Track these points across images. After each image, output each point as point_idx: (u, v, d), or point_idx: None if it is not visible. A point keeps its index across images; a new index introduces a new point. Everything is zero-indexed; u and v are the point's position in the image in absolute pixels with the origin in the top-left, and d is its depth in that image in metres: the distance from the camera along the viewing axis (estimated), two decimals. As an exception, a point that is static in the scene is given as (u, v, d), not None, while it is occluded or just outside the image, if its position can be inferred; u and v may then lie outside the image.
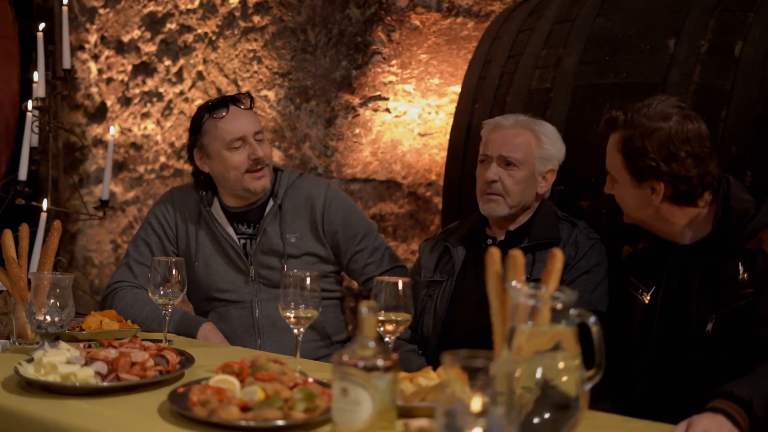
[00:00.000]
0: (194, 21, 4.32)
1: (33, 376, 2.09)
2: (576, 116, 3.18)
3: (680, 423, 1.94)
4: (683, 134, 2.40)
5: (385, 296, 2.31)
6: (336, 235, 3.27)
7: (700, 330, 2.37)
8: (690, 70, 3.00)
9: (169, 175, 4.50)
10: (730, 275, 2.33)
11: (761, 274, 2.28)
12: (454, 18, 3.93)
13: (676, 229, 2.50)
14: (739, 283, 2.30)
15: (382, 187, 4.12)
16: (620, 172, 2.53)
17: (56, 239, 2.81)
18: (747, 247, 2.33)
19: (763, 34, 2.93)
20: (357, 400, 1.70)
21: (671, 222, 2.50)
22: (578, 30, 3.34)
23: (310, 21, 3.89)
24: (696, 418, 1.93)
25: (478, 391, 1.45)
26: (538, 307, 1.85)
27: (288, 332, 3.21)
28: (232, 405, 1.83)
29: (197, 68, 4.33)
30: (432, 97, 4.07)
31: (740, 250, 2.34)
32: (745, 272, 2.30)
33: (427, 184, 4.32)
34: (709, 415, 1.93)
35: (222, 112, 3.15)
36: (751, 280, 2.29)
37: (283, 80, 4.03)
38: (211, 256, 3.27)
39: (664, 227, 2.52)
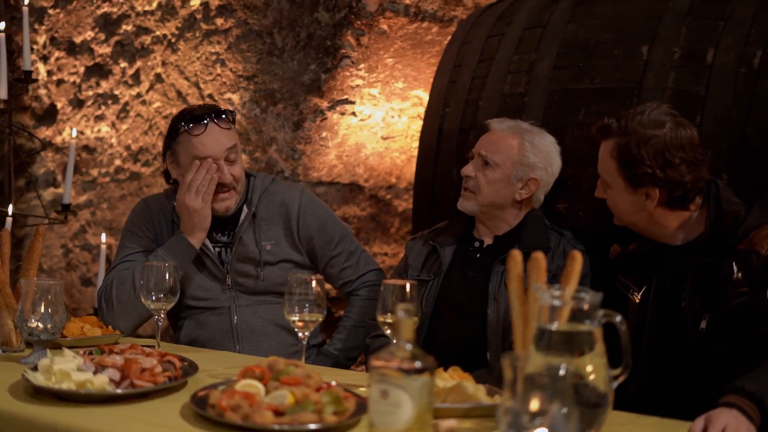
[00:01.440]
0: (152, 23, 4.26)
1: (45, 384, 2.05)
2: (552, 120, 3.24)
3: (697, 419, 2.00)
4: (678, 141, 2.47)
5: (392, 299, 2.33)
6: (312, 240, 3.27)
7: (695, 328, 2.44)
8: (665, 75, 3.09)
9: (125, 178, 4.43)
10: (724, 275, 2.41)
11: (756, 273, 2.36)
12: (420, 23, 3.97)
13: (667, 231, 2.58)
14: (734, 282, 2.39)
15: (346, 190, 4.14)
16: (614, 177, 2.59)
17: (40, 244, 2.75)
18: (739, 248, 2.42)
19: (734, 41, 3.03)
20: (398, 402, 1.71)
21: (663, 225, 2.57)
22: (550, 36, 3.40)
23: (276, 24, 3.88)
24: (714, 413, 1.99)
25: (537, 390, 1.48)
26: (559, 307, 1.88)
27: (267, 338, 3.22)
28: (264, 409, 1.82)
29: (155, 70, 4.28)
30: (396, 100, 4.10)
31: (733, 250, 2.42)
32: (739, 272, 2.38)
33: (388, 186, 4.35)
34: (726, 410, 1.99)
35: (200, 128, 3.11)
36: (746, 279, 2.38)
37: (249, 83, 4.01)
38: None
39: (656, 230, 2.59)
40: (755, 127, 2.90)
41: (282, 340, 3.23)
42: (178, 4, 4.20)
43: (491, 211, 3.05)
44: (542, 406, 1.46)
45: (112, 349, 2.33)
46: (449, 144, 3.55)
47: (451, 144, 3.54)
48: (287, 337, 3.24)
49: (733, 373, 2.25)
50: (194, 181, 3.09)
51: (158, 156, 4.32)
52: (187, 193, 3.09)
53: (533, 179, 3.05)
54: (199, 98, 4.16)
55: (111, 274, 3.17)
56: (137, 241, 3.25)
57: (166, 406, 2.04)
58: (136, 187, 4.40)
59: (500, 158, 3.02)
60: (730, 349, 2.38)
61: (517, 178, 3.02)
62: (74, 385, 2.03)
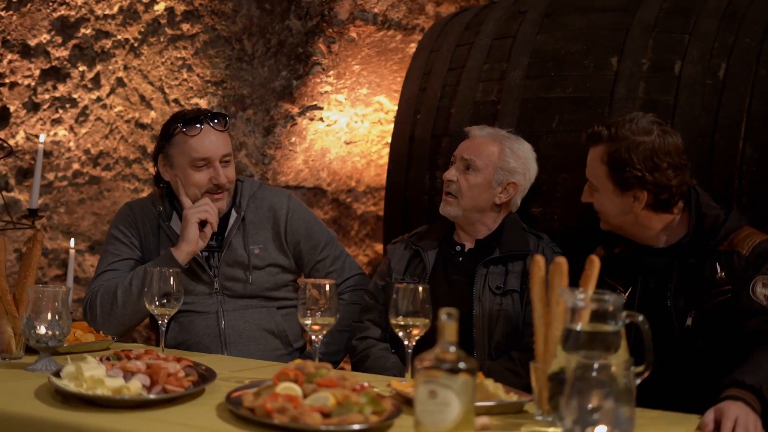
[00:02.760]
0: (113, 27, 4.25)
1: (80, 391, 2.07)
2: (525, 127, 3.36)
3: (707, 412, 2.14)
4: (665, 147, 2.64)
5: (405, 302, 2.41)
6: (299, 245, 3.33)
7: (680, 325, 2.60)
8: (635, 86, 3.24)
9: (84, 182, 4.40)
10: (707, 275, 2.59)
11: (737, 273, 2.55)
12: (386, 31, 4.06)
13: (651, 234, 2.73)
14: (718, 281, 2.58)
15: (310, 194, 4.20)
16: (603, 182, 2.73)
17: (38, 251, 2.75)
18: (719, 249, 2.60)
19: (700, 54, 3.20)
20: (446, 401, 1.80)
21: (648, 227, 2.73)
22: (521, 46, 3.52)
23: (246, 31, 3.92)
24: (723, 406, 2.13)
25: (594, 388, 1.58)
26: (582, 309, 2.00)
27: (254, 342, 3.27)
28: (310, 411, 1.89)
29: (117, 74, 4.27)
30: (360, 106, 4.18)
31: (714, 251, 2.60)
32: (722, 271, 2.57)
33: (348, 190, 4.43)
34: (733, 403, 2.13)
35: (194, 129, 3.15)
36: (728, 278, 2.57)
37: (217, 88, 4.04)
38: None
39: (641, 232, 2.75)
40: (722, 135, 3.08)
41: (268, 344, 3.28)
42: (141, 8, 4.20)
43: (472, 215, 3.15)
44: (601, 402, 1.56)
45: (128, 354, 2.36)
46: (421, 150, 3.64)
47: (424, 150, 3.63)
48: (273, 341, 3.29)
49: (719, 366, 2.42)
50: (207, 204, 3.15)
51: (119, 160, 4.32)
52: (197, 209, 3.12)
53: (512, 183, 3.17)
54: (163, 103, 4.16)
55: (96, 283, 3.18)
56: (121, 248, 3.26)
57: (198, 410, 2.09)
58: (95, 191, 4.38)
59: (482, 163, 3.13)
60: (714, 344, 2.55)
61: (497, 182, 3.14)
62: (109, 391, 2.05)
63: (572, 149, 3.29)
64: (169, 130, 3.20)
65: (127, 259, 3.24)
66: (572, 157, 3.28)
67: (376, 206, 4.70)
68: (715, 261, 2.60)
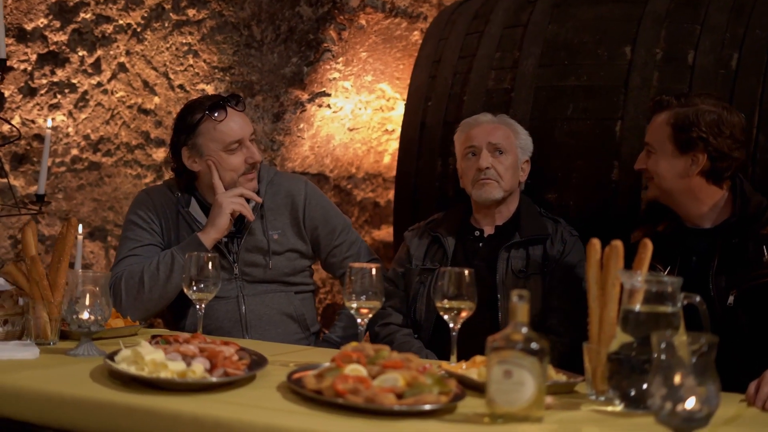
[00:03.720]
0: (114, 12, 4.23)
1: (140, 374, 2.08)
2: (540, 115, 3.43)
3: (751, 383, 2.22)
4: (730, 120, 2.76)
5: (448, 285, 2.46)
6: (316, 230, 3.36)
7: (722, 303, 2.68)
8: (649, 75, 3.32)
9: (83, 168, 4.38)
10: (752, 256, 2.67)
11: None
12: (393, 18, 4.09)
13: (701, 207, 2.81)
14: (765, 263, 2.65)
15: (314, 180, 4.23)
16: (664, 143, 2.82)
17: (72, 236, 2.75)
18: (762, 233, 2.68)
19: (712, 45, 3.28)
20: (521, 381, 1.85)
21: (698, 199, 2.81)
22: (532, 35, 3.58)
23: (255, 17, 3.92)
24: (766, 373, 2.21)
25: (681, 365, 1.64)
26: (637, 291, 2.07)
27: (273, 326, 3.29)
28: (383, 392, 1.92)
29: (118, 60, 4.25)
30: (364, 93, 4.21)
31: (758, 234, 2.69)
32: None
33: (348, 177, 4.46)
34: None
35: (221, 114, 3.16)
36: None
37: (224, 75, 4.04)
38: None
39: (690, 203, 2.82)
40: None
41: (287, 328, 3.31)
42: (144, -7, 4.19)
43: (508, 197, 3.22)
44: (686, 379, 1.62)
45: (177, 338, 2.37)
46: (433, 137, 3.69)
47: (435, 137, 3.68)
48: (292, 325, 3.32)
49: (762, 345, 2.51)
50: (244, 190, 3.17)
51: (121, 146, 4.30)
52: (230, 193, 3.14)
53: (527, 161, 3.28)
54: (168, 88, 4.16)
55: (119, 268, 3.18)
56: (142, 233, 3.26)
57: (260, 392, 2.11)
58: (96, 177, 4.36)
59: (508, 144, 3.22)
60: (757, 323, 2.63)
61: (520, 161, 3.23)
62: (175, 374, 2.07)
63: (587, 136, 3.37)
64: (193, 121, 3.19)
65: (149, 245, 3.24)
66: (587, 144, 3.36)
67: (374, 193, 4.73)
68: (762, 244, 2.68)
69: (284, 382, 2.18)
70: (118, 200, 4.33)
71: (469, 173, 3.20)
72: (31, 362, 2.39)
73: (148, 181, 4.30)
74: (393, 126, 4.58)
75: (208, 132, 3.18)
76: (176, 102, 4.17)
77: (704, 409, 1.60)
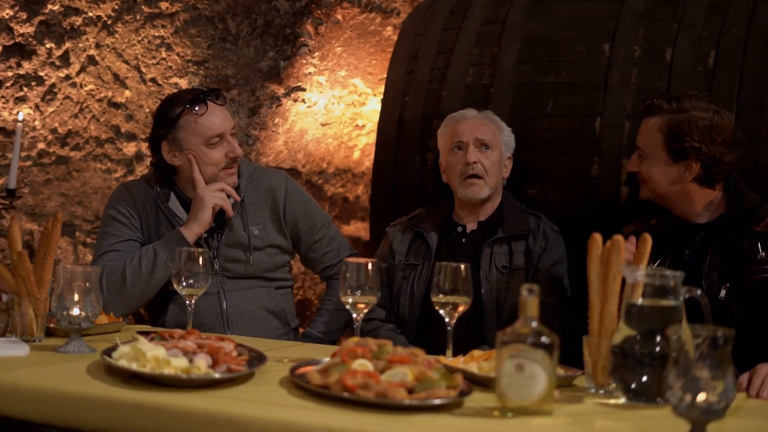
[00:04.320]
0: (83, 4, 4.16)
1: (141, 370, 2.06)
2: (521, 111, 3.45)
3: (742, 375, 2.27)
4: (722, 125, 2.80)
5: (447, 281, 2.46)
6: (297, 225, 3.34)
7: (714, 297, 2.72)
8: (628, 72, 3.36)
9: (50, 162, 4.30)
10: (747, 252, 2.73)
11: None
12: (368, 13, 4.08)
13: (693, 209, 2.85)
14: (759, 260, 2.72)
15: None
16: (657, 150, 2.86)
17: (58, 231, 2.70)
18: (756, 229, 2.74)
19: (689, 42, 3.33)
20: (533, 375, 1.86)
21: (692, 201, 2.86)
22: (511, 31, 3.60)
23: (230, 10, 3.89)
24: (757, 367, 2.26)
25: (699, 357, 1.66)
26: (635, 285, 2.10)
27: (255, 321, 3.27)
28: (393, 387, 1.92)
29: (88, 52, 4.18)
30: (337, 88, 4.19)
31: (751, 231, 2.75)
32: (763, 251, 2.70)
33: (319, 172, 4.45)
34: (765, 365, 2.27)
35: (202, 107, 3.13)
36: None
37: (199, 68, 4.00)
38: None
39: (684, 205, 2.87)
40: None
41: (269, 324, 3.29)
42: (115, -15, 4.13)
43: (493, 194, 3.24)
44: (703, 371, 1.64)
45: (173, 334, 2.35)
46: (411, 132, 3.69)
47: (414, 132, 3.69)
48: (273, 321, 3.31)
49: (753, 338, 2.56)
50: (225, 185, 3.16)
51: (90, 140, 4.23)
52: (211, 188, 3.12)
53: (509, 158, 3.31)
54: (140, 82, 4.10)
55: (99, 264, 3.13)
56: (122, 228, 3.21)
57: (264, 388, 2.10)
58: (63, 172, 4.29)
59: (494, 140, 3.26)
60: (749, 317, 2.68)
61: (504, 157, 3.25)
62: (179, 370, 2.05)
63: (567, 133, 3.40)
64: (173, 114, 3.16)
65: (129, 240, 3.20)
66: (567, 140, 3.40)
67: (344, 188, 4.72)
68: (756, 241, 2.74)
69: (286, 378, 2.17)
70: (87, 195, 4.26)
71: (456, 168, 3.21)
72: (23, 360, 2.35)
73: (118, 175, 4.24)
74: (364, 121, 4.57)
75: (188, 126, 3.15)
76: (148, 96, 4.12)
77: (722, 402, 1.63)
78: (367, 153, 4.62)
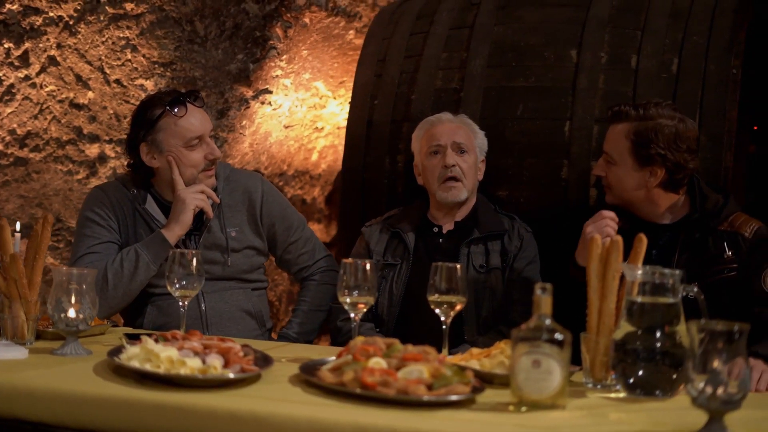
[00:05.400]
0: (44, 3, 4.11)
1: (156, 370, 2.07)
2: (491, 114, 3.54)
3: None
4: (686, 132, 2.91)
5: (443, 281, 2.53)
6: (274, 227, 3.37)
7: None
8: (596, 77, 3.47)
9: (8, 164, 4.23)
10: (714, 251, 2.85)
11: (743, 253, 2.86)
12: (334, 17, 4.13)
13: (657, 211, 2.96)
14: (725, 260, 2.85)
15: (250, 177, 4.21)
16: (624, 156, 2.96)
17: (48, 232, 2.69)
18: (720, 229, 2.87)
19: (653, 49, 3.46)
20: (549, 370, 1.94)
21: (656, 204, 2.97)
22: (479, 36, 3.68)
23: (198, 12, 3.88)
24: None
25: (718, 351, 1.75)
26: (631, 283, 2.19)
27: (234, 323, 3.29)
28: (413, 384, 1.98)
29: (48, 53, 4.13)
30: (301, 91, 4.22)
31: (716, 230, 2.89)
32: (729, 250, 2.83)
33: (280, 174, 4.48)
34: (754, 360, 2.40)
35: (182, 109, 3.14)
36: (735, 257, 2.87)
37: (165, 70, 3.99)
38: None
39: (648, 208, 2.98)
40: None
41: (246, 325, 3.31)
42: (77, -15, 4.08)
43: (470, 196, 3.31)
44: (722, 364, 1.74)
45: (176, 336, 2.37)
46: (381, 134, 3.75)
47: (384, 134, 3.75)
48: (251, 322, 3.33)
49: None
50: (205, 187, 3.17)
51: (51, 141, 4.18)
52: (192, 189, 3.12)
53: (483, 160, 3.38)
54: (104, 83, 4.06)
55: (79, 266, 3.11)
56: (100, 230, 3.20)
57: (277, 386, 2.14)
58: (22, 173, 4.23)
59: (470, 143, 3.34)
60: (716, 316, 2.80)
61: (479, 160, 3.33)
62: (197, 371, 2.07)
63: (537, 136, 3.50)
64: (153, 116, 3.16)
65: (108, 242, 3.19)
66: (537, 143, 3.50)
67: (302, 190, 4.76)
68: (722, 240, 2.88)
69: (294, 377, 2.22)
70: (48, 197, 4.21)
71: (434, 171, 3.28)
72: (25, 362, 2.34)
73: (80, 177, 4.20)
74: (323, 123, 4.61)
75: (168, 128, 3.16)
76: (112, 97, 4.09)
77: (740, 392, 1.72)
78: (324, 155, 4.66)
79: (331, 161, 4.89)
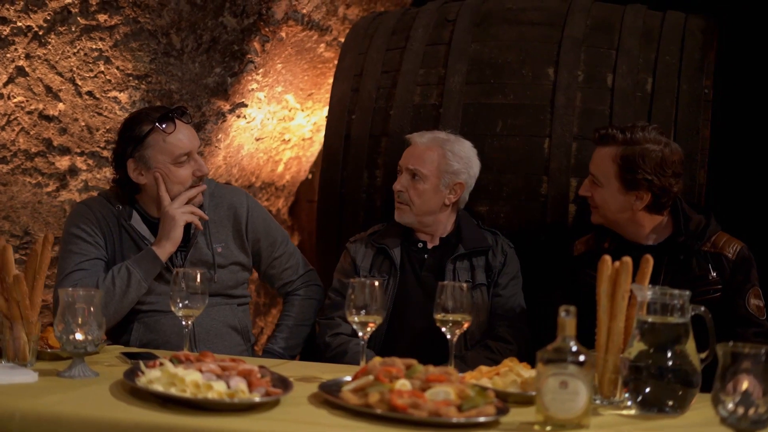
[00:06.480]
0: (11, 13, 4.03)
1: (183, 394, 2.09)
2: (470, 130, 3.60)
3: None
4: (671, 157, 2.98)
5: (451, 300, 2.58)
6: (258, 242, 3.38)
7: None
8: (573, 95, 3.56)
9: (-26, 176, 4.17)
10: (698, 272, 2.95)
11: (727, 275, 2.97)
12: (309, 31, 4.15)
13: (642, 232, 3.05)
14: (710, 281, 2.97)
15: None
16: (610, 179, 3.03)
17: (49, 253, 2.67)
18: (703, 249, 2.97)
19: (628, 68, 3.57)
20: (576, 391, 2.01)
21: (641, 225, 3.06)
22: (456, 53, 3.74)
23: (174, 25, 3.86)
24: None
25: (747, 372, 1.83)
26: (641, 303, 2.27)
27: (220, 339, 3.30)
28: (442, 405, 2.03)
29: (17, 63, 4.06)
30: (273, 104, 4.24)
31: (699, 251, 2.99)
32: (713, 272, 2.93)
33: (249, 186, 4.48)
34: None
35: (170, 126, 3.13)
36: (719, 279, 2.97)
37: (140, 82, 3.95)
38: None
39: (633, 229, 3.07)
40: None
41: (232, 341, 3.32)
42: (47, -5, 4.02)
43: (426, 219, 3.35)
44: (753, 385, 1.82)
45: (189, 357, 2.37)
46: (359, 149, 3.78)
47: (362, 149, 3.78)
48: (236, 338, 3.34)
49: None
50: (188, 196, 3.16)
51: (18, 153, 4.11)
52: (177, 204, 3.12)
53: (459, 184, 3.38)
54: (75, 95, 4.01)
55: (67, 283, 3.08)
56: (87, 247, 3.17)
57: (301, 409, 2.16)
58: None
59: (427, 170, 3.32)
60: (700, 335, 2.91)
61: (444, 185, 3.33)
62: (225, 395, 2.09)
63: (516, 152, 3.58)
64: (141, 132, 3.15)
65: (95, 259, 3.16)
66: (517, 159, 3.57)
67: (268, 202, 4.77)
68: (706, 262, 2.98)
69: (313, 397, 2.24)
70: (15, 209, 4.14)
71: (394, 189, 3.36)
72: (39, 386, 2.32)
73: (49, 190, 4.14)
74: (290, 135, 4.63)
75: (157, 144, 3.15)
76: (84, 109, 4.04)
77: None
78: (288, 167, 4.68)
79: (294, 172, 4.92)
